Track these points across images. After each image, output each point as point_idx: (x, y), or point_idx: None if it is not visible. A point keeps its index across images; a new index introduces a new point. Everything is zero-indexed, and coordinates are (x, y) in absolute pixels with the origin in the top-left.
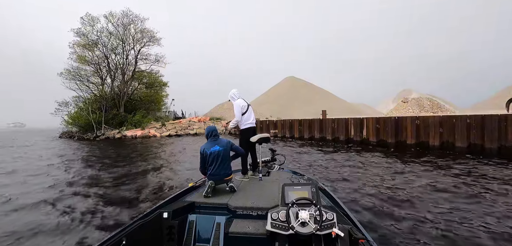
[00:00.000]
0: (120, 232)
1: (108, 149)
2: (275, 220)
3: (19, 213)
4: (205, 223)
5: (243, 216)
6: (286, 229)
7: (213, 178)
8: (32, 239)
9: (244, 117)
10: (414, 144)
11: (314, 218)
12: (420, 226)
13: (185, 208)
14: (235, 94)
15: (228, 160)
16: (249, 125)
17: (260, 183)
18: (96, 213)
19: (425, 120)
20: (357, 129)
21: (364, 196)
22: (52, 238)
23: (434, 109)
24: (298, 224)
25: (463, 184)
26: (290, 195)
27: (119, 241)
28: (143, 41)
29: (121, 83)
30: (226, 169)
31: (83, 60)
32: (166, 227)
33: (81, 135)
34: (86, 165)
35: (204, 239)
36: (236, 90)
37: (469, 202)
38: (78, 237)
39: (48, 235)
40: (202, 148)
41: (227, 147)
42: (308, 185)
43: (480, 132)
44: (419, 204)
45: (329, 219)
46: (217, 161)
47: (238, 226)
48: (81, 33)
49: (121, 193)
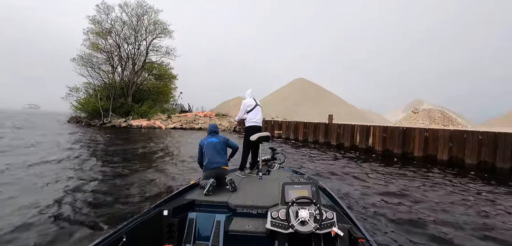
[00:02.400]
0: (120, 229)
1: (112, 137)
2: (275, 219)
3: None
4: (205, 221)
5: (243, 215)
6: (286, 228)
7: (210, 166)
8: (32, 236)
9: (249, 115)
10: (421, 157)
11: (314, 217)
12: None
13: (185, 206)
14: (247, 93)
15: (223, 151)
16: (253, 123)
17: (260, 181)
18: (92, 207)
19: (434, 132)
20: (363, 137)
21: (364, 201)
22: (51, 234)
23: (445, 122)
24: (298, 223)
25: (469, 200)
26: (290, 194)
27: (119, 238)
28: (155, 32)
29: (131, 72)
30: (222, 158)
31: (96, 48)
32: (166, 225)
33: (88, 121)
34: (85, 152)
35: (204, 237)
36: (250, 90)
37: (473, 218)
38: (77, 236)
39: (44, 231)
40: (200, 141)
41: (223, 141)
42: (308, 184)
43: (492, 149)
44: (420, 213)
45: (329, 218)
46: (212, 151)
47: (238, 224)
48: (96, 20)
49: (117, 186)
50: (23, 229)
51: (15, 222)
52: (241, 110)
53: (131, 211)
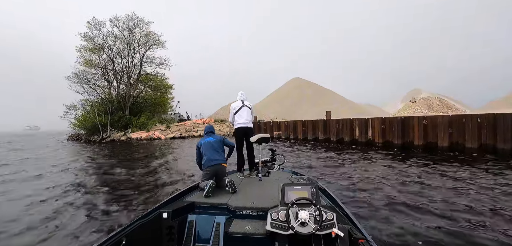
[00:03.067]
0: (120, 232)
1: (111, 151)
2: (275, 220)
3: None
4: (205, 223)
5: (243, 216)
6: (286, 229)
7: (208, 163)
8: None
9: (236, 117)
10: (422, 145)
11: (314, 218)
12: (422, 227)
13: (185, 208)
14: (238, 96)
15: (220, 149)
16: (239, 125)
17: (260, 183)
18: (95, 212)
19: (433, 120)
20: (362, 130)
21: (364, 196)
22: (52, 239)
23: (443, 109)
24: (297, 224)
25: (472, 187)
26: (290, 195)
27: (118, 241)
28: (148, 44)
29: (127, 86)
30: (219, 155)
31: (90, 64)
32: (166, 227)
33: (88, 138)
34: (87, 167)
35: (204, 239)
36: (241, 92)
37: (475, 203)
38: (76, 237)
39: (47, 235)
40: (198, 142)
41: (219, 140)
42: (308, 185)
43: (492, 132)
44: (423, 205)
45: (329, 219)
46: (210, 149)
47: (238, 226)
48: (88, 37)
49: (120, 194)
50: (21, 235)
51: (13, 228)
52: (231, 114)
53: (131, 213)
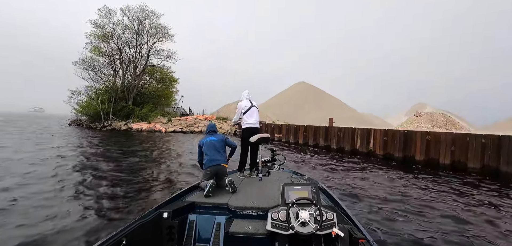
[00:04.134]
0: (120, 232)
1: (109, 141)
2: (275, 220)
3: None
4: (205, 223)
5: (243, 216)
6: (286, 229)
7: (209, 163)
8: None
9: (245, 116)
10: (423, 161)
11: (314, 218)
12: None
13: (185, 208)
14: (244, 94)
15: (222, 149)
16: (249, 125)
17: (260, 183)
18: (89, 211)
19: (436, 136)
20: (364, 140)
21: (364, 204)
22: (51, 237)
23: (447, 125)
24: (298, 224)
25: (470, 204)
26: (290, 195)
27: (119, 241)
28: (156, 36)
29: (132, 76)
30: (221, 156)
31: (98, 51)
32: (166, 227)
33: (89, 124)
34: (82, 156)
35: (204, 239)
36: (247, 91)
37: (476, 224)
38: (76, 240)
39: (44, 235)
40: (200, 141)
41: (221, 139)
42: (308, 185)
43: (495, 153)
44: (420, 215)
45: (329, 219)
46: (212, 149)
47: (238, 226)
48: (98, 24)
49: (116, 189)
50: (19, 232)
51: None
52: (237, 112)
53: (130, 213)
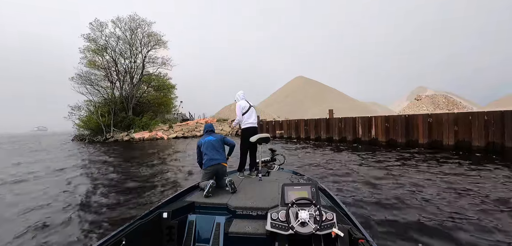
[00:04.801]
0: (120, 232)
1: (114, 151)
2: (275, 220)
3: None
4: (205, 223)
5: (243, 216)
6: (286, 229)
7: (209, 163)
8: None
9: (245, 117)
10: (426, 144)
11: (314, 218)
12: (423, 228)
13: (185, 208)
14: (239, 95)
15: (220, 148)
16: (249, 125)
17: (260, 183)
18: (94, 212)
19: (438, 117)
20: (366, 129)
21: (365, 199)
22: (53, 237)
23: (449, 106)
24: (298, 224)
25: (480, 190)
26: (290, 195)
27: (118, 241)
28: (150, 44)
29: (129, 86)
30: (220, 155)
31: (93, 65)
32: (166, 227)
33: (91, 138)
34: (91, 167)
35: (204, 239)
36: (242, 92)
37: (482, 206)
38: (76, 236)
39: (47, 233)
40: (198, 141)
41: (220, 139)
42: (308, 185)
43: (499, 129)
44: (425, 204)
45: (329, 219)
46: (210, 148)
47: (238, 226)
48: (90, 38)
49: (119, 193)
50: (23, 233)
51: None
52: (239, 112)
53: (131, 213)
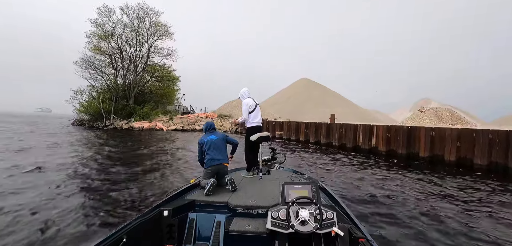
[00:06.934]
0: (121, 230)
1: (110, 139)
2: (275, 219)
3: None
4: (205, 222)
5: (243, 215)
6: (286, 228)
7: (211, 163)
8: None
9: (251, 115)
10: (427, 157)
11: (314, 217)
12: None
13: (186, 206)
14: (245, 92)
15: (223, 147)
16: (255, 124)
17: (260, 182)
18: (92, 208)
19: (441, 132)
20: (366, 137)
21: (365, 202)
22: (50, 235)
23: (453, 121)
24: (298, 222)
25: (477, 204)
26: (290, 194)
27: (119, 239)
28: (156, 34)
29: (133, 75)
30: (222, 155)
31: (98, 51)
32: (166, 225)
33: (91, 124)
34: (85, 155)
35: (204, 237)
36: (247, 89)
37: (481, 222)
38: (77, 237)
39: (43, 232)
40: (200, 139)
41: (222, 137)
42: (308, 184)
43: (503, 149)
44: (423, 214)
45: (329, 218)
46: (213, 147)
47: (238, 224)
48: (98, 23)
49: (115, 187)
50: (18, 230)
51: (11, 222)
52: (245, 111)
53: (130, 210)
